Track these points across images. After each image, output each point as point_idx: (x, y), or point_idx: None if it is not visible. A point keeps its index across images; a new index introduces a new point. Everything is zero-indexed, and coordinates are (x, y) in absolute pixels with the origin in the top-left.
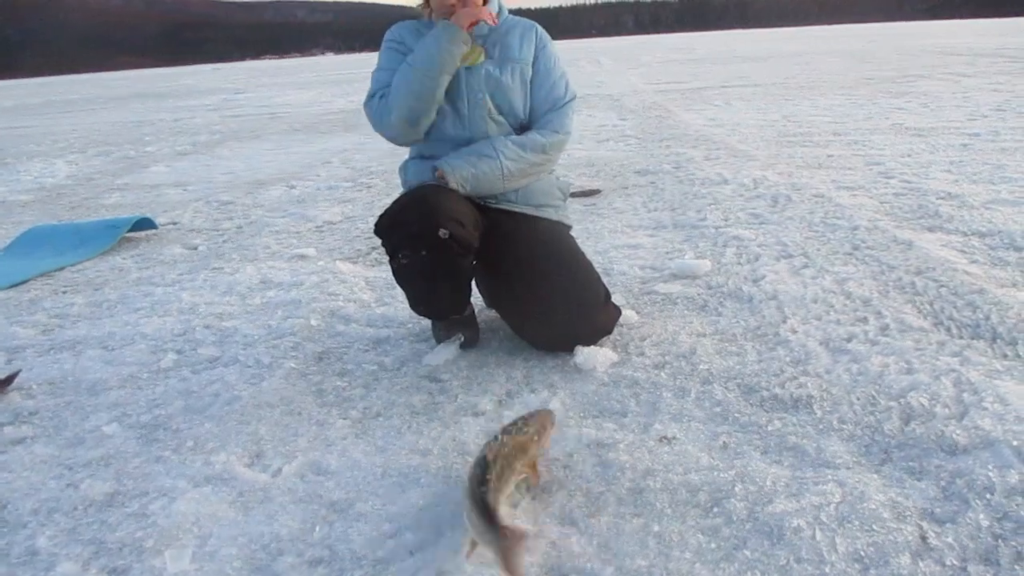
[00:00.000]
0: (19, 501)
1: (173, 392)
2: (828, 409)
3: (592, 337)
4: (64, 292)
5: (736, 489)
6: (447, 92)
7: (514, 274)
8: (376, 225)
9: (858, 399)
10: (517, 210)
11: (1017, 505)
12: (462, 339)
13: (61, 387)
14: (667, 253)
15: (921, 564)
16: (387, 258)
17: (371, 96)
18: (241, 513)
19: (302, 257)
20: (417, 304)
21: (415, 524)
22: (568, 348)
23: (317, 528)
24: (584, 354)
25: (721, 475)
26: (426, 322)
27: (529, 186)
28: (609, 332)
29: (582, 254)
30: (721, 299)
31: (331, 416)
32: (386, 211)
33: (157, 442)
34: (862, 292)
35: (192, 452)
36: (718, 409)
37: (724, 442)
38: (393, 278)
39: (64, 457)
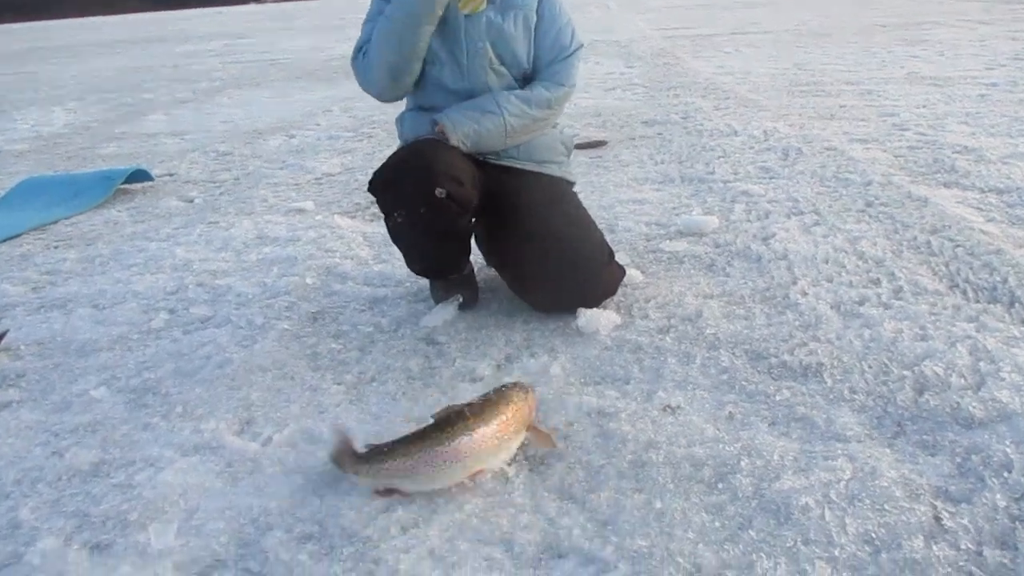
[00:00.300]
0: (3, 470)
1: (163, 354)
2: (839, 378)
3: (595, 299)
4: (56, 247)
5: (742, 464)
6: (445, 41)
7: (514, 234)
8: (370, 183)
9: (870, 367)
10: (518, 166)
11: None
12: (460, 300)
13: (50, 348)
14: (674, 209)
15: (935, 548)
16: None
17: (356, 51)
18: (229, 484)
19: (300, 211)
20: (413, 263)
21: (408, 499)
22: (570, 310)
23: (307, 501)
24: (586, 317)
25: (726, 448)
26: (424, 281)
27: (531, 141)
28: (612, 293)
29: (585, 212)
30: (729, 258)
31: (324, 381)
32: (381, 168)
33: (145, 407)
34: (875, 252)
35: (181, 419)
36: (724, 377)
37: (730, 412)
38: (389, 236)
39: (50, 423)
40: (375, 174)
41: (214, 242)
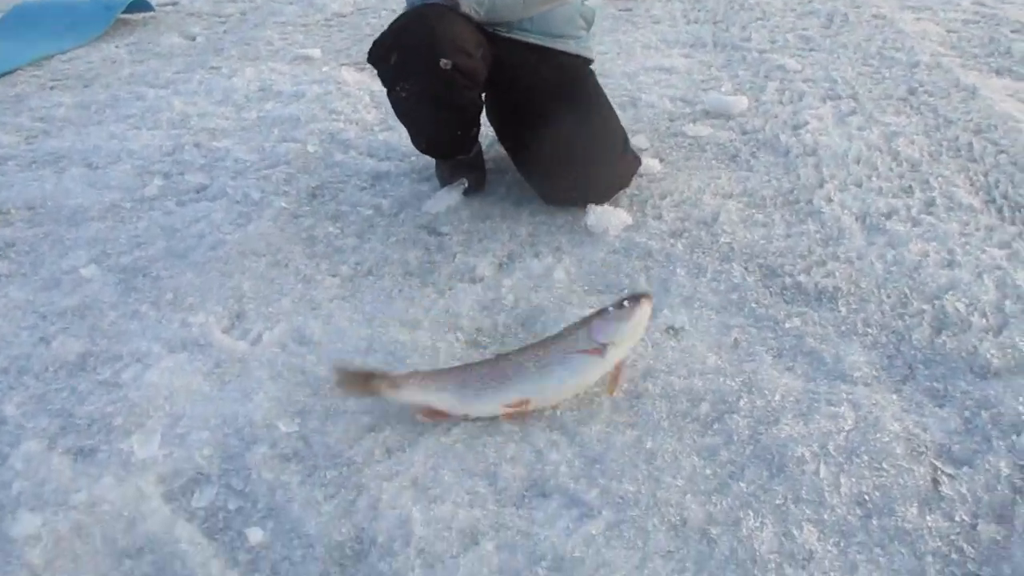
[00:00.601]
0: None
1: (156, 228)
2: (854, 307)
3: (605, 191)
4: (52, 87)
5: (741, 403)
6: None
7: (522, 119)
8: (370, 53)
9: (888, 297)
10: (531, 40)
11: None
12: (465, 184)
13: (40, 213)
14: (702, 82)
15: (928, 518)
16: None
17: None
18: (216, 388)
19: (306, 59)
20: (419, 141)
21: (396, 418)
22: (579, 203)
23: (293, 413)
24: (596, 215)
25: (727, 383)
26: (429, 157)
27: (547, 12)
28: (625, 186)
29: (601, 95)
30: (755, 149)
31: (319, 271)
32: (381, 37)
33: (135, 291)
34: (911, 153)
35: (171, 308)
36: (734, 296)
37: (736, 339)
38: (392, 111)
39: (39, 303)
40: (375, 43)
41: (214, 93)
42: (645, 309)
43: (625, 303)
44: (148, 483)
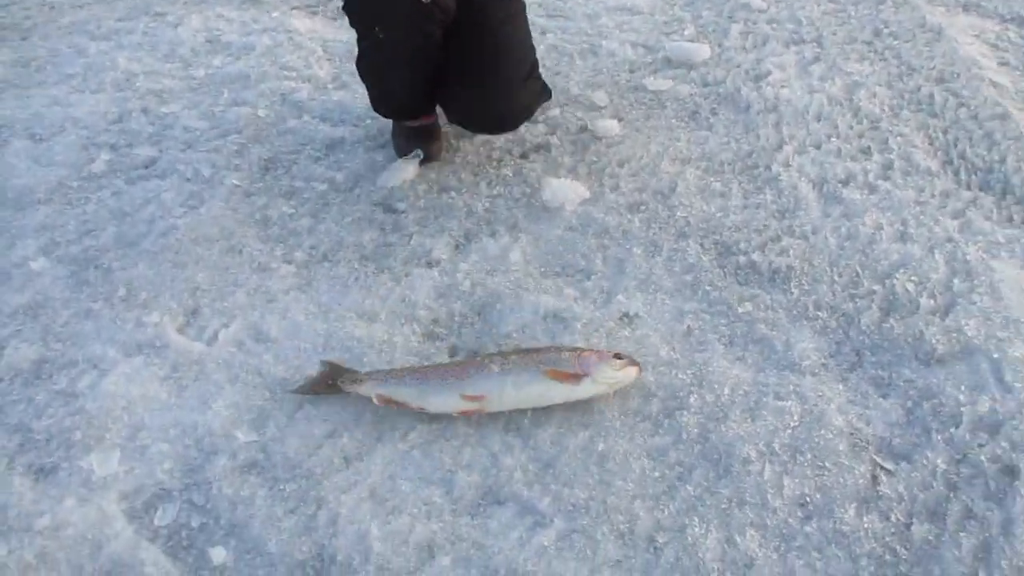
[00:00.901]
0: None
1: (105, 212)
2: (806, 288)
3: (504, 114)
4: None
5: (692, 399)
6: None
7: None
8: (345, 1)
9: (840, 276)
10: None
11: (979, 446)
12: (420, 156)
13: None
14: (665, 25)
15: (865, 519)
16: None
17: None
18: (174, 394)
19: (255, 2)
20: (384, 98)
21: (353, 422)
22: (485, 127)
23: (252, 420)
24: (552, 188)
25: (679, 376)
26: (384, 121)
27: None
28: (528, 116)
29: (518, 20)
30: (715, 105)
31: (274, 258)
32: None
33: (87, 286)
34: (872, 108)
35: (124, 305)
36: (688, 277)
37: (688, 327)
38: (358, 68)
39: None
40: None
41: (160, 47)
42: (632, 374)
43: (623, 357)
44: (110, 502)
